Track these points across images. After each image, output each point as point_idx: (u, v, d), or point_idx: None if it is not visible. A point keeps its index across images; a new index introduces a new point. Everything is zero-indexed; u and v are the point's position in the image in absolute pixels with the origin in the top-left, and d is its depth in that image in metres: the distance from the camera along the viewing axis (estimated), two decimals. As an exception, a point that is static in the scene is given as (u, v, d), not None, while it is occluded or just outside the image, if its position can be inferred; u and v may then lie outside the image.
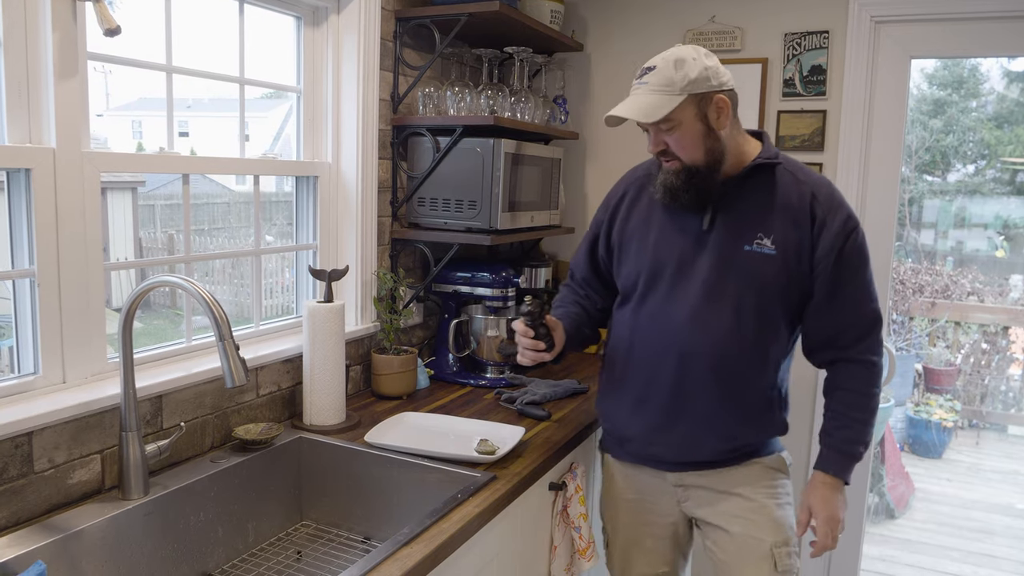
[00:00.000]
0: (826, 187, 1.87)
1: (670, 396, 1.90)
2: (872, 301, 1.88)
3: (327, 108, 2.40)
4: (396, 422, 2.16)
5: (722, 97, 1.78)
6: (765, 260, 1.82)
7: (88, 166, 1.68)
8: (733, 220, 1.85)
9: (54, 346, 1.65)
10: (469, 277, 2.68)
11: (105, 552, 1.56)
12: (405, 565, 1.44)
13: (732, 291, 1.84)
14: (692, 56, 1.76)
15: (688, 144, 1.79)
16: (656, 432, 1.94)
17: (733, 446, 1.93)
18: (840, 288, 1.84)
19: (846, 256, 1.82)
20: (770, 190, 1.85)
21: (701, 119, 1.77)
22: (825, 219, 1.82)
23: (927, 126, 6.88)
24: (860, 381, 1.89)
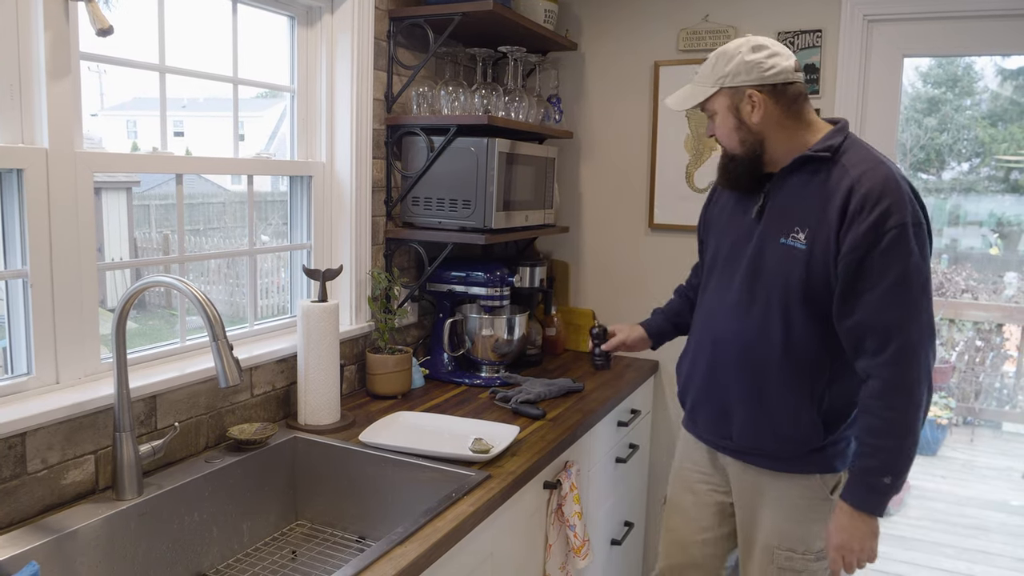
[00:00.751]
0: (874, 177, 1.72)
1: (705, 378, 2.01)
2: (894, 308, 1.68)
3: (321, 108, 2.40)
4: (391, 421, 2.16)
5: (754, 92, 1.80)
6: (796, 255, 1.80)
7: (81, 166, 1.67)
8: (777, 212, 1.86)
9: (47, 346, 1.65)
10: (464, 276, 2.68)
11: (99, 553, 1.56)
12: (399, 564, 1.44)
13: (764, 283, 1.86)
14: (737, 50, 1.82)
15: (723, 134, 1.88)
16: (695, 408, 2.07)
17: (756, 442, 1.92)
18: (858, 288, 1.72)
19: (875, 256, 1.68)
20: (818, 181, 1.80)
21: (733, 112, 1.84)
22: (858, 213, 1.70)
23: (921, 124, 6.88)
24: (877, 401, 1.72)
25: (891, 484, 1.73)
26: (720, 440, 2.02)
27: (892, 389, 1.70)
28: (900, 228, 1.67)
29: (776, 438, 1.90)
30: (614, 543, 2.76)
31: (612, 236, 3.21)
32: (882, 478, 1.73)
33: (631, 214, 3.15)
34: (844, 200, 1.72)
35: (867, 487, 1.75)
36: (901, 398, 1.70)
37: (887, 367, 1.70)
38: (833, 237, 1.74)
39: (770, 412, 1.89)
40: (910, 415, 1.70)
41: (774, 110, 1.81)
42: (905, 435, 1.71)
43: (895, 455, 1.71)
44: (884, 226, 1.67)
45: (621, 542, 2.79)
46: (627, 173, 3.14)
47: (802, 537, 1.93)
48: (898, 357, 1.69)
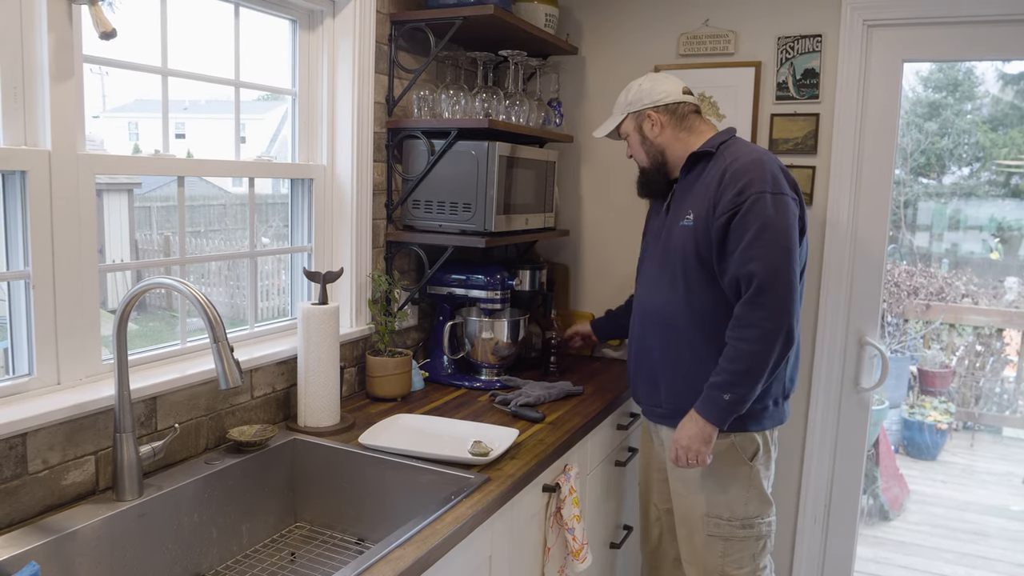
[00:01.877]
0: (743, 161, 2.09)
1: (636, 352, 2.36)
2: (756, 260, 1.99)
3: (322, 111, 2.41)
4: (390, 424, 2.16)
5: (651, 112, 2.25)
6: (688, 232, 2.16)
7: (83, 168, 1.68)
8: (676, 203, 2.25)
9: (49, 347, 1.66)
10: (464, 279, 2.69)
11: (99, 553, 1.57)
12: (398, 567, 1.44)
13: (670, 262, 2.22)
14: (638, 83, 2.29)
15: (635, 151, 2.33)
16: (634, 384, 2.39)
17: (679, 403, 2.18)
18: (727, 249, 2.06)
19: (737, 218, 2.03)
20: (704, 174, 2.18)
21: (638, 131, 2.29)
22: (726, 188, 2.07)
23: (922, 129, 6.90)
24: (732, 332, 2.05)
25: (729, 401, 2.04)
26: (653, 408, 2.32)
27: (746, 323, 2.02)
28: (759, 194, 2.02)
29: (680, 396, 2.19)
30: (613, 546, 2.76)
31: (612, 240, 3.22)
32: (722, 394, 2.04)
33: (631, 218, 3.16)
34: (719, 180, 2.10)
35: (709, 399, 2.07)
36: (751, 331, 2.01)
37: (747, 305, 2.02)
38: (711, 209, 2.09)
39: (687, 373, 2.18)
40: (758, 348, 2.01)
41: (669, 125, 2.25)
42: (749, 365, 2.02)
43: (737, 378, 2.03)
44: (744, 194, 2.03)
45: (620, 545, 2.79)
46: (627, 177, 3.14)
47: (727, 503, 2.20)
48: (758, 299, 2.00)
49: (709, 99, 2.94)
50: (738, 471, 2.19)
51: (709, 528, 2.21)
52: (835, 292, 2.84)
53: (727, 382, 2.04)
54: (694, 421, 2.09)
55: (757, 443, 2.20)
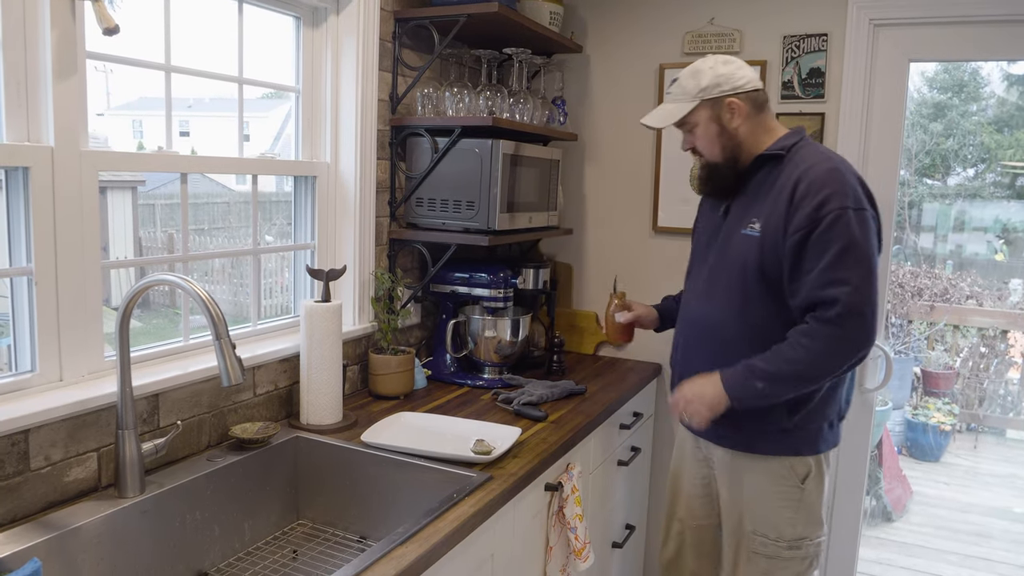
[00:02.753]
0: (818, 170, 1.91)
1: (683, 364, 2.19)
2: (835, 284, 1.84)
3: (326, 108, 2.40)
4: (393, 422, 2.16)
5: (733, 100, 2.00)
6: (752, 242, 1.99)
7: (86, 165, 1.68)
8: (739, 208, 2.07)
9: (51, 344, 1.66)
10: (467, 278, 2.68)
11: (101, 550, 1.56)
12: (400, 565, 1.44)
13: (727, 270, 2.05)
14: (708, 66, 2.03)
15: (706, 143, 2.06)
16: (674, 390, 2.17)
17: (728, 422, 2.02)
18: (803, 267, 1.89)
19: (815, 236, 1.86)
20: (772, 178, 2.00)
21: (715, 120, 2.03)
22: (801, 201, 1.89)
23: (927, 129, 6.89)
24: (798, 335, 1.89)
25: (760, 391, 1.91)
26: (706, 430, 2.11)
27: (818, 338, 1.86)
28: (839, 211, 1.85)
29: (746, 416, 2.00)
30: (615, 546, 2.76)
31: (616, 239, 3.21)
32: (758, 382, 1.91)
33: (635, 217, 3.15)
34: (792, 190, 1.92)
35: (743, 376, 1.94)
36: (821, 345, 1.86)
37: (825, 325, 1.85)
38: (781, 223, 1.92)
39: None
40: (821, 364, 1.88)
41: (748, 116, 2.03)
42: (803, 373, 1.89)
43: (784, 377, 1.90)
44: (823, 210, 1.86)
45: (622, 545, 2.79)
46: (631, 176, 3.15)
47: (774, 523, 2.06)
48: (839, 323, 1.84)
49: (714, 98, 2.93)
50: (789, 493, 2.05)
51: (754, 545, 2.09)
52: (839, 292, 2.83)
53: (771, 375, 1.90)
54: (714, 385, 1.97)
55: (810, 466, 2.05)
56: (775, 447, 2.04)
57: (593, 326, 3.24)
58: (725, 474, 2.15)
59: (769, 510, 2.06)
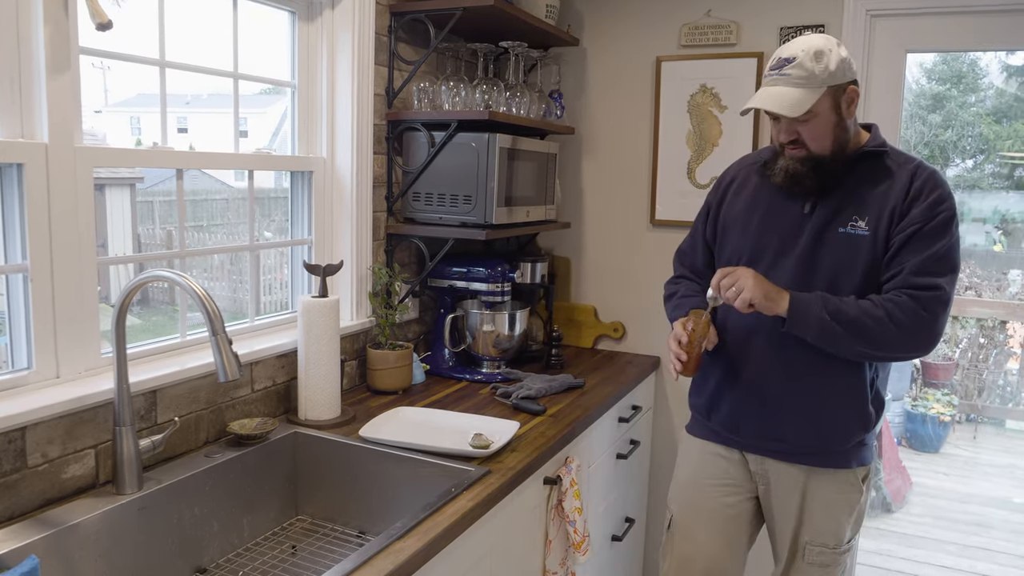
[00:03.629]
0: (929, 169, 1.88)
1: (751, 382, 2.01)
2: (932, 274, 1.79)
3: (322, 103, 2.40)
4: (391, 417, 2.16)
5: (854, 88, 1.87)
6: (858, 241, 1.88)
7: (81, 161, 1.67)
8: (833, 204, 1.92)
9: (48, 341, 1.65)
10: (465, 272, 2.68)
11: (99, 547, 1.56)
12: (398, 559, 1.44)
13: (824, 272, 1.91)
14: (829, 47, 1.83)
15: (820, 134, 1.87)
16: (736, 416, 2.05)
17: (815, 432, 1.95)
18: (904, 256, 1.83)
19: (926, 230, 1.82)
20: (873, 175, 1.91)
21: (835, 110, 1.86)
22: (921, 192, 1.84)
23: (926, 121, 6.87)
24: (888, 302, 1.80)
25: (821, 320, 1.81)
26: (768, 444, 2.03)
27: (901, 306, 1.79)
28: (950, 212, 1.83)
29: (837, 434, 1.94)
30: (615, 539, 2.76)
31: (614, 232, 3.20)
32: (825, 312, 1.81)
33: (633, 210, 3.15)
34: (907, 185, 1.86)
35: (815, 298, 1.83)
36: (899, 314, 1.78)
37: (913, 299, 1.79)
38: (898, 218, 1.85)
39: (831, 407, 1.93)
40: (888, 330, 1.79)
41: (856, 107, 1.90)
42: (868, 328, 1.79)
43: (849, 321, 1.80)
44: (938, 208, 1.82)
45: (622, 538, 2.79)
46: (629, 169, 3.14)
47: (835, 531, 2.01)
48: (929, 306, 1.79)
49: (711, 90, 2.92)
50: (853, 499, 2.01)
51: (811, 556, 2.02)
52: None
53: (842, 316, 1.80)
54: (780, 294, 1.84)
55: (868, 469, 2.04)
56: (850, 460, 1.99)
57: (591, 320, 3.23)
58: (785, 489, 2.04)
59: (832, 520, 2.01)
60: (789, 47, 1.86)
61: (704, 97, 2.94)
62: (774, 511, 2.08)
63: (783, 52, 1.86)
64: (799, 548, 2.04)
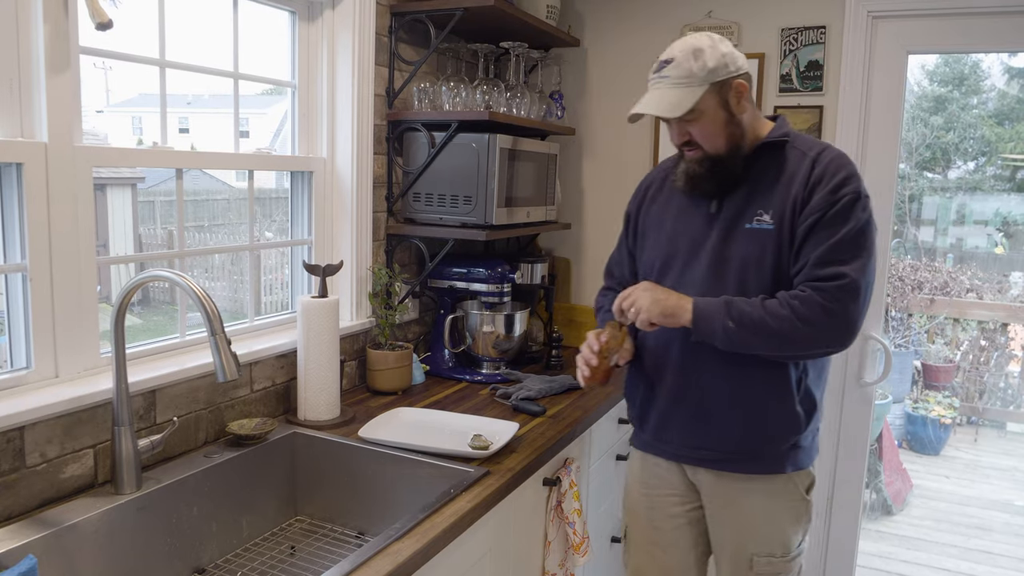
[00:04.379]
0: (831, 153, 1.82)
1: (674, 388, 1.94)
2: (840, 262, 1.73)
3: (322, 103, 2.40)
4: (391, 417, 2.15)
5: (741, 81, 1.81)
6: (764, 236, 1.82)
7: (80, 160, 1.67)
8: (738, 201, 1.87)
9: (46, 340, 1.65)
10: (465, 272, 2.68)
11: (97, 547, 1.56)
12: (396, 560, 1.44)
13: (734, 270, 1.85)
14: (708, 44, 1.78)
15: (711, 133, 1.81)
16: (663, 424, 1.98)
17: (740, 437, 1.89)
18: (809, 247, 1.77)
19: (828, 217, 1.75)
20: (776, 167, 1.85)
21: (723, 106, 1.80)
22: (822, 178, 1.78)
23: (928, 123, 6.87)
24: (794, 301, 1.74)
25: (727, 328, 1.76)
26: (696, 452, 1.95)
27: (807, 302, 1.72)
28: (854, 195, 1.76)
29: (762, 437, 1.87)
30: (614, 540, 2.75)
31: (613, 233, 3.19)
32: (730, 321, 1.76)
33: (633, 211, 3.14)
34: (807, 174, 1.80)
35: (718, 306, 1.78)
36: (806, 311, 1.72)
37: (819, 291, 1.72)
38: (800, 208, 1.79)
39: (755, 409, 1.87)
40: (797, 329, 1.72)
41: (750, 100, 1.84)
42: (776, 329, 1.73)
43: (755, 325, 1.74)
44: (840, 192, 1.76)
45: (621, 540, 2.78)
46: (629, 169, 3.14)
47: (781, 540, 1.93)
48: (838, 296, 1.72)
49: (712, 92, 2.92)
50: (797, 507, 1.94)
51: (759, 567, 1.94)
52: (838, 286, 2.82)
53: (747, 321, 1.75)
54: (680, 302, 1.81)
55: (812, 476, 1.97)
56: (783, 464, 1.90)
57: (592, 321, 3.23)
58: (721, 498, 1.97)
59: (777, 528, 1.93)
60: (669, 48, 1.82)
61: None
62: (715, 521, 2.00)
63: (663, 55, 1.82)
64: (746, 559, 1.95)
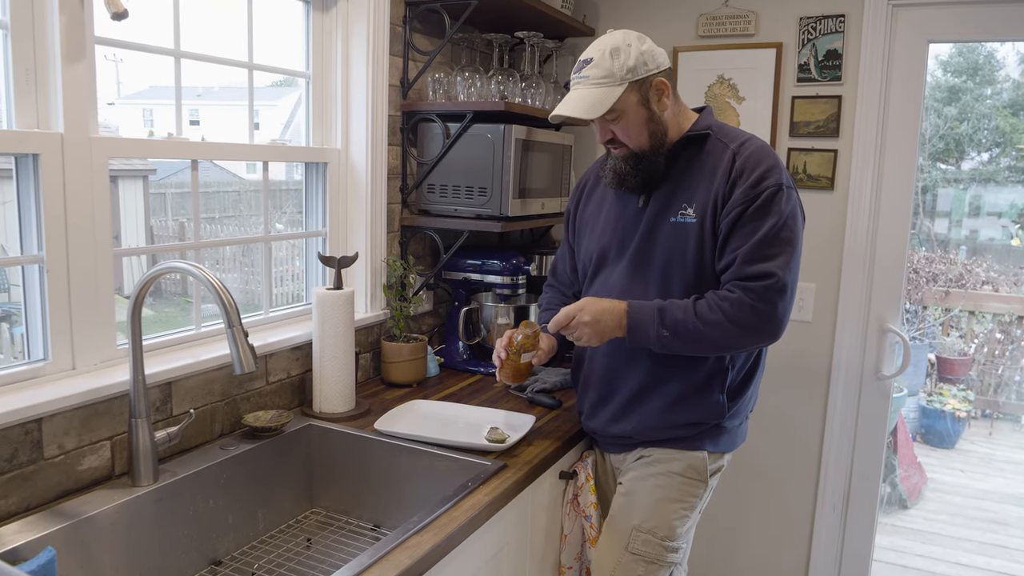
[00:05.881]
0: (752, 146, 1.83)
1: (601, 375, 2.01)
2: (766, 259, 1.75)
3: (336, 94, 2.38)
4: (406, 410, 2.15)
5: (661, 79, 1.83)
6: (686, 229, 1.85)
7: (97, 151, 1.67)
8: (664, 195, 1.90)
9: (64, 332, 1.65)
10: (479, 264, 2.67)
11: (115, 539, 1.56)
12: (415, 554, 1.43)
13: (656, 265, 1.89)
14: (626, 43, 1.80)
15: (633, 131, 1.85)
16: (593, 411, 2.05)
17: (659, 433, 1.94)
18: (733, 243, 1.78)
19: (750, 212, 1.77)
20: (700, 160, 1.87)
21: (643, 104, 1.83)
22: (743, 171, 1.80)
23: (941, 113, 6.81)
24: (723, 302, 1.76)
25: (658, 338, 1.80)
26: (620, 438, 2.01)
27: (736, 303, 1.75)
28: (776, 188, 1.77)
29: (683, 423, 1.91)
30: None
31: (629, 225, 3.18)
32: (663, 328, 1.79)
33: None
34: (728, 168, 1.82)
35: (651, 315, 1.80)
36: (736, 312, 1.75)
37: (751, 295, 1.75)
38: (721, 202, 1.81)
39: (676, 396, 1.90)
40: (728, 331, 1.76)
41: (672, 96, 1.87)
42: (707, 333, 1.77)
43: (688, 332, 1.77)
44: (760, 185, 1.77)
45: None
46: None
47: (666, 518, 1.91)
48: (765, 296, 1.74)
49: (728, 81, 2.90)
50: (693, 490, 1.93)
51: (635, 544, 1.90)
52: (856, 278, 2.80)
53: (680, 329, 1.78)
54: (615, 316, 1.83)
55: (721, 464, 1.98)
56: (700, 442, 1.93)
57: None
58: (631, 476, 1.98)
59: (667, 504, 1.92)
60: (589, 48, 1.84)
61: (721, 88, 2.92)
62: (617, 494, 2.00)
63: (583, 54, 1.84)
64: (624, 533, 1.92)
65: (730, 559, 3.14)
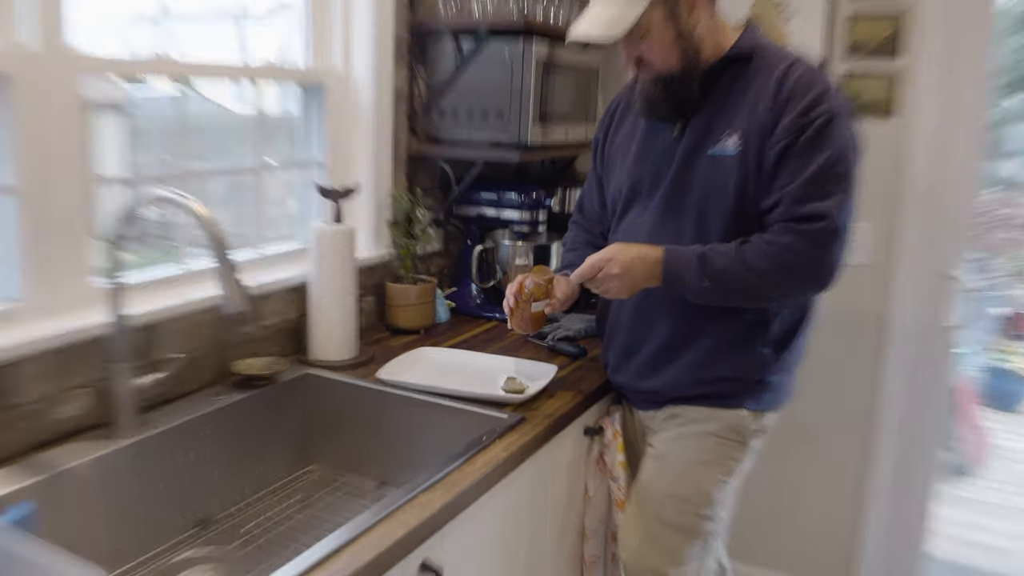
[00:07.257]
0: (801, 68, 1.77)
1: (629, 326, 1.99)
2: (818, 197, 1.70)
3: (336, 8, 2.34)
4: (413, 358, 2.15)
5: None
6: (727, 163, 1.80)
7: (73, 70, 1.65)
8: (702, 124, 1.86)
9: (39, 269, 1.64)
10: (495, 199, 2.65)
11: (93, 494, 1.57)
12: (423, 513, 1.43)
13: (692, 203, 1.86)
14: None
15: (661, 50, 1.79)
16: (620, 364, 2.04)
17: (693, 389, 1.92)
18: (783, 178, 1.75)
19: (801, 143, 1.72)
20: (742, 85, 1.82)
21: (671, 19, 1.76)
22: (791, 98, 1.74)
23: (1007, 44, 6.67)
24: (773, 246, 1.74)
25: (701, 287, 1.77)
26: (648, 394, 2.00)
27: (788, 248, 1.72)
28: (828, 116, 1.72)
29: (720, 378, 1.89)
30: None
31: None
32: (705, 278, 1.76)
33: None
34: (774, 93, 1.76)
35: (692, 263, 1.77)
36: (787, 257, 1.73)
37: (799, 235, 1.72)
38: (768, 132, 1.76)
39: (712, 348, 1.88)
40: (777, 278, 1.75)
41: (705, 9, 1.80)
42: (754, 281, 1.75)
43: (733, 280, 1.76)
44: (812, 113, 1.72)
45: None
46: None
47: (701, 485, 1.90)
48: (820, 241, 1.71)
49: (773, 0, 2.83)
50: (732, 452, 1.91)
51: (668, 513, 1.90)
52: (918, 219, 2.76)
53: (724, 277, 1.75)
54: (648, 265, 1.80)
55: (764, 424, 1.94)
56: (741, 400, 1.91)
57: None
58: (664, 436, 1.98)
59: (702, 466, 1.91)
60: None
61: (766, 7, 2.86)
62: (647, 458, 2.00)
63: None
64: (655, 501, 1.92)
65: (771, 528, 3.16)
